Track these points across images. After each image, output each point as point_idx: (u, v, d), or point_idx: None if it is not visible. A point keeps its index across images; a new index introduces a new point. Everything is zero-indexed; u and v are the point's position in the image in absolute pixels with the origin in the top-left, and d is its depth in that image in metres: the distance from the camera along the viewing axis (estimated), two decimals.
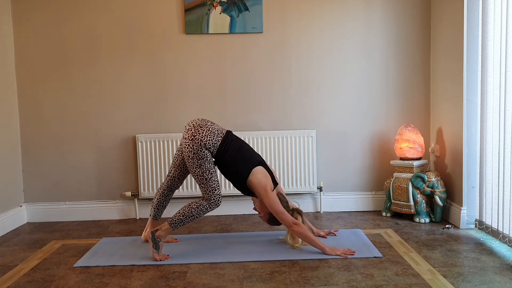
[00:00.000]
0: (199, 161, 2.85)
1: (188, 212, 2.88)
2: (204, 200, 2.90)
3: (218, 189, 2.90)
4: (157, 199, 3.17)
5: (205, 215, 3.88)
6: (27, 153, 3.92)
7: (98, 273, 2.70)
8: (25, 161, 3.93)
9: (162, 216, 3.25)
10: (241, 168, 2.92)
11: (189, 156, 2.86)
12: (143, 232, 3.26)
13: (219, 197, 2.90)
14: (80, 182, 3.95)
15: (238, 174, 2.93)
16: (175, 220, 2.88)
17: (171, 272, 2.67)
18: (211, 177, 2.87)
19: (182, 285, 2.48)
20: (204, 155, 2.85)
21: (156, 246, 2.86)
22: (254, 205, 3.10)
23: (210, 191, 2.88)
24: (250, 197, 3.12)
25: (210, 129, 2.89)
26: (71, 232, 3.59)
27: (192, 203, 2.91)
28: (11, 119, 3.81)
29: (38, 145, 3.92)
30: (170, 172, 3.15)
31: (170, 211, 3.66)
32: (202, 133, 2.86)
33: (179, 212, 2.89)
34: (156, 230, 2.87)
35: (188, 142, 2.86)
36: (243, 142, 3.03)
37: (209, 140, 2.86)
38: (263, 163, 3.01)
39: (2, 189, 3.65)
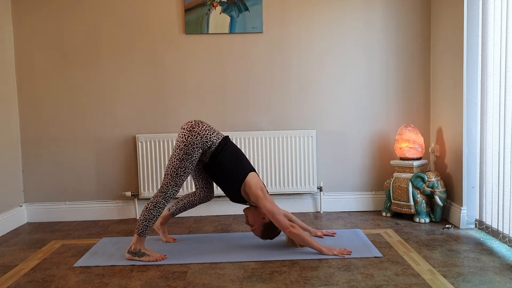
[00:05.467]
0: (183, 155, 2.84)
1: (148, 215, 2.85)
2: (159, 196, 2.86)
3: (179, 187, 2.88)
4: (184, 203, 3.19)
5: (205, 215, 3.93)
6: (27, 153, 3.92)
7: (98, 273, 2.70)
8: (25, 161, 3.93)
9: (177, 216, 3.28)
10: (237, 170, 2.92)
11: (178, 146, 2.86)
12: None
13: (176, 193, 2.89)
14: (80, 182, 3.95)
15: (234, 176, 2.92)
16: (141, 228, 2.85)
17: (171, 272, 2.67)
18: (182, 174, 2.85)
19: (182, 285, 2.48)
20: (193, 152, 2.84)
21: (142, 254, 2.85)
22: (246, 219, 3.04)
23: (171, 185, 2.86)
24: (242, 210, 3.10)
25: (210, 126, 2.94)
26: (71, 232, 3.59)
27: (148, 204, 2.88)
28: (11, 119, 3.81)
29: (38, 145, 3.92)
30: (196, 185, 3.16)
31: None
32: (202, 127, 2.89)
33: (140, 219, 2.87)
34: (130, 248, 2.87)
35: (185, 132, 2.87)
36: (239, 149, 3.06)
37: (207, 134, 2.88)
38: (255, 172, 3.01)
39: (2, 189, 3.65)
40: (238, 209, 3.94)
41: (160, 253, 2.91)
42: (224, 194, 3.84)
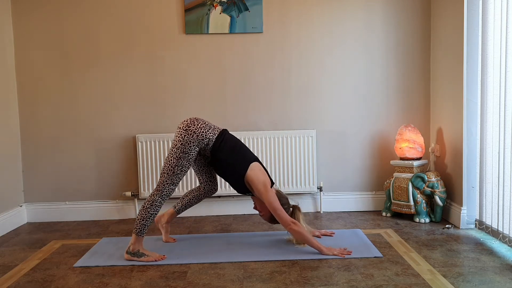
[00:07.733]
0: (180, 154, 2.84)
1: (145, 214, 2.86)
2: (156, 195, 2.86)
3: (175, 185, 2.89)
4: (189, 198, 3.20)
5: (205, 215, 3.93)
6: (27, 153, 3.92)
7: (98, 273, 2.70)
8: (25, 161, 3.93)
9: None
10: (238, 164, 2.93)
11: (175, 145, 2.87)
12: (159, 217, 3.26)
13: (172, 191, 2.89)
14: (80, 182, 3.95)
15: (236, 170, 2.93)
16: (139, 227, 2.85)
17: (171, 272, 2.67)
18: (178, 173, 2.86)
19: (182, 285, 2.48)
20: (189, 151, 2.85)
21: (140, 254, 2.85)
22: (254, 204, 3.09)
23: (168, 184, 2.86)
24: (250, 197, 3.12)
25: (206, 123, 2.94)
26: (71, 232, 3.59)
27: (145, 203, 2.88)
28: (11, 119, 3.81)
29: (38, 145, 3.92)
30: (200, 180, 3.17)
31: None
32: (197, 125, 2.89)
33: (138, 218, 2.87)
34: (128, 248, 2.87)
35: (181, 131, 2.88)
36: (238, 140, 3.05)
37: (203, 132, 2.87)
38: (258, 161, 3.02)
39: (2, 189, 3.65)
40: (238, 209, 3.94)
41: (159, 253, 2.91)
42: (224, 194, 3.87)
